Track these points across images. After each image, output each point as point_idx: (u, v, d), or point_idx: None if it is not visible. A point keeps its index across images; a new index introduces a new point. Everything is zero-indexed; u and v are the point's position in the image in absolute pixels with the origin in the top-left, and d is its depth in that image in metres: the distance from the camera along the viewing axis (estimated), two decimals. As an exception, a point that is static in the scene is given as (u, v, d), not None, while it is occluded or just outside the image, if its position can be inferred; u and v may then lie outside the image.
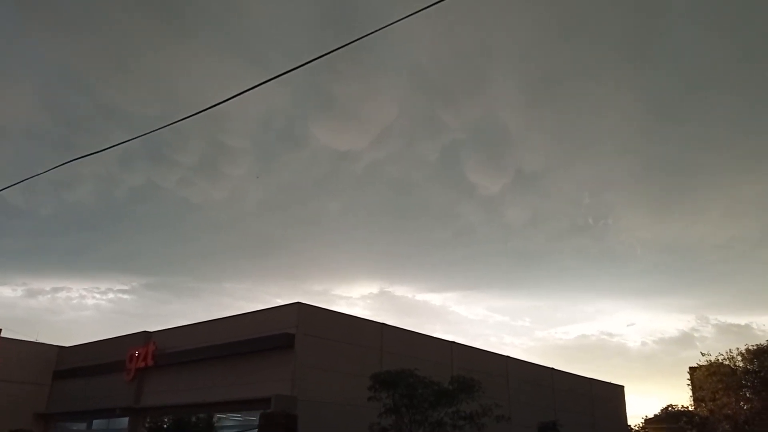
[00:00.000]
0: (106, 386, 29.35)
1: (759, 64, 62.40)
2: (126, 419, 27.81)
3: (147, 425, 16.58)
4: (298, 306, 23.96)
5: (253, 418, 25.53)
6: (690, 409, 43.17)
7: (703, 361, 41.31)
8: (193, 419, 16.52)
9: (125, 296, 77.95)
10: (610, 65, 63.79)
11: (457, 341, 31.17)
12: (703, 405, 40.62)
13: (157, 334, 28.67)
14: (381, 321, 27.39)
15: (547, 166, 71.20)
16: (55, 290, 77.78)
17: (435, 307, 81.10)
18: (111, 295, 76.93)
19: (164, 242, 79.41)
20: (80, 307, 78.09)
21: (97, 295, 77.21)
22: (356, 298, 77.89)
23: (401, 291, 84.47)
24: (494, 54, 63.35)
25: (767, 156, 64.42)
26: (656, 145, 68.22)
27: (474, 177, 72.03)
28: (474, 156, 69.02)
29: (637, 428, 49.84)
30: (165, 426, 15.78)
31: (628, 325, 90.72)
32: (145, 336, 28.80)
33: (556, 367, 37.94)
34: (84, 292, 77.87)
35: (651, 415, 48.48)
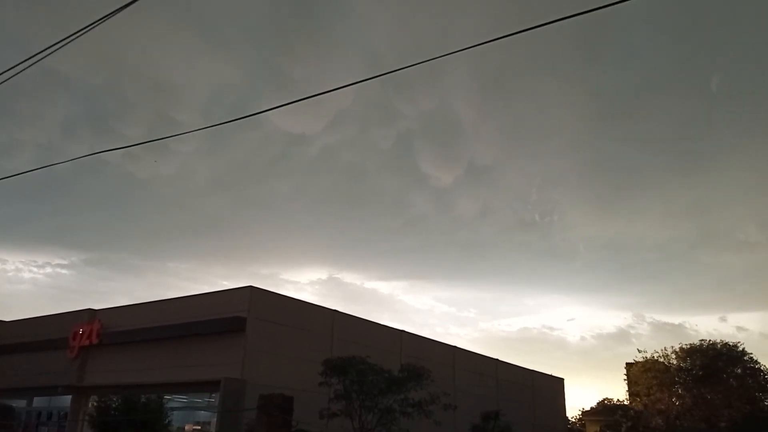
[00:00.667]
0: (47, 363, 28.61)
1: (703, 69, 64.82)
2: (69, 397, 27.19)
3: (95, 404, 16.28)
4: (251, 290, 23.87)
5: (199, 400, 25.45)
6: (625, 403, 45.00)
7: (639, 358, 43.16)
8: (143, 399, 16.32)
9: (64, 271, 75.46)
10: (563, 62, 65.13)
11: (406, 330, 31.66)
12: (638, 399, 42.43)
13: (102, 312, 28.09)
14: (332, 308, 27.60)
15: (498, 160, 72.34)
16: (-11, 262, 74.78)
17: (383, 295, 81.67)
18: (49, 270, 74.37)
19: (107, 217, 77.11)
20: (16, 281, 75.30)
21: (35, 269, 74.55)
22: (304, 283, 77.62)
23: (350, 278, 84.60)
24: (451, 45, 63.88)
25: (704, 160, 66.98)
26: (602, 143, 70.11)
27: (426, 167, 72.65)
28: (427, 146, 69.57)
29: (574, 420, 51.72)
30: (114, 405, 15.53)
31: (568, 320, 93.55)
32: (89, 313, 28.17)
33: (500, 359, 38.96)
34: (20, 265, 75.08)
35: (588, 408, 50.44)
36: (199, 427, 24.47)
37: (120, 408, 15.49)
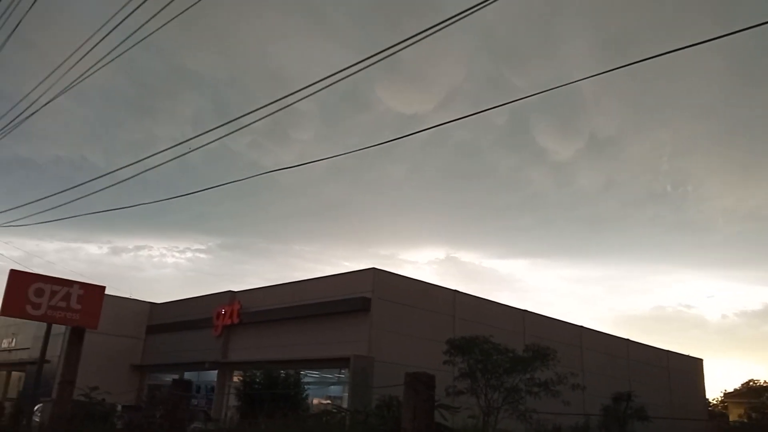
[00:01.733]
0: (195, 341, 31.41)
1: None
2: (215, 372, 29.76)
3: (240, 378, 17.79)
4: (374, 271, 24.75)
5: (330, 376, 26.87)
6: (774, 385, 41.68)
7: (790, 337, 39.63)
8: (282, 374, 17.62)
9: (202, 255, 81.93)
10: (689, 23, 60.17)
11: (529, 310, 31.26)
12: (789, 382, 39.13)
13: (241, 293, 30.29)
14: (453, 288, 27.86)
15: (622, 130, 68.49)
16: (138, 248, 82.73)
17: (502, 274, 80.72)
18: (189, 254, 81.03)
19: (237, 205, 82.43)
20: (161, 265, 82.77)
21: (177, 254, 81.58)
22: (423, 262, 78.58)
23: (468, 257, 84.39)
24: (565, 12, 61.10)
25: None
26: (739, 107, 64.30)
27: (544, 141, 70.29)
28: (544, 120, 67.26)
29: (716, 402, 48.65)
30: (257, 380, 16.93)
31: (707, 297, 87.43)
32: (230, 295, 30.49)
33: (631, 339, 37.41)
34: (164, 251, 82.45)
35: (731, 390, 47.20)
36: (331, 402, 25.87)
37: (263, 382, 16.83)
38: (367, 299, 23.82)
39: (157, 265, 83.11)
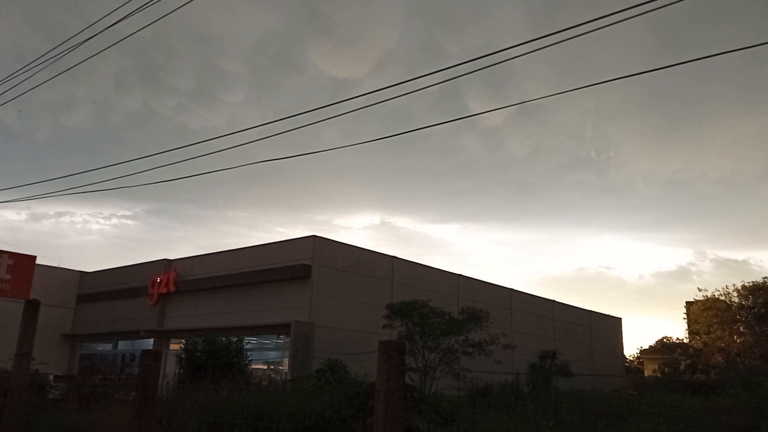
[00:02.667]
0: (129, 310, 30.91)
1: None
2: (150, 340, 29.46)
3: (182, 346, 17.82)
4: (314, 239, 25.02)
5: (268, 342, 27.15)
6: (685, 341, 45.01)
7: (699, 297, 42.82)
8: (224, 341, 17.78)
9: (129, 222, 79.49)
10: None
11: (463, 274, 32.44)
12: (698, 338, 42.35)
13: (177, 261, 29.92)
14: (391, 254, 28.55)
15: (549, 98, 70.62)
16: (59, 215, 79.45)
17: (435, 239, 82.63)
18: (115, 221, 78.42)
19: (164, 169, 79.89)
20: (84, 232, 79.81)
21: (101, 221, 78.77)
22: (357, 228, 79.37)
23: (402, 222, 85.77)
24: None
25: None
26: (661, 75, 67.25)
27: (476, 108, 71.78)
28: (476, 86, 68.59)
29: (632, 358, 52.15)
30: (199, 347, 17.01)
31: (626, 259, 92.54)
32: (166, 263, 30.07)
33: (556, 300, 39.47)
34: (88, 217, 79.48)
35: (646, 347, 50.67)
36: (273, 367, 26.23)
37: (205, 350, 16.95)
38: (307, 266, 24.13)
39: (81, 232, 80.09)
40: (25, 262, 11.53)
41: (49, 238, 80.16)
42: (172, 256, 30.43)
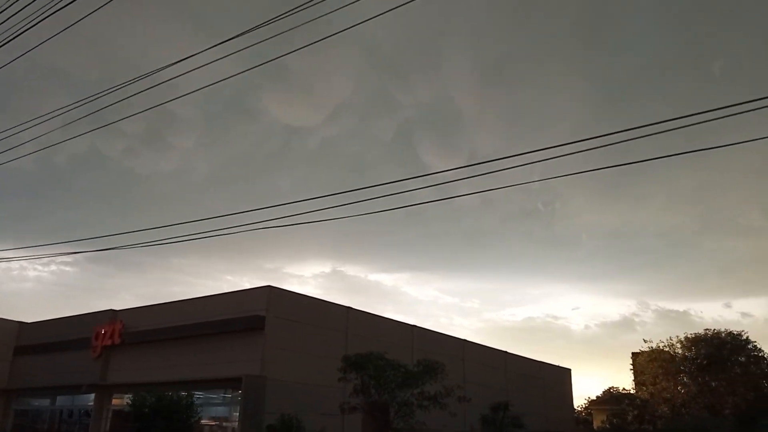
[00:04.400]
0: (70, 363, 29.53)
1: (705, 53, 65.05)
2: (92, 395, 28.10)
3: (129, 401, 17.11)
4: (269, 289, 24.70)
5: (214, 396, 26.28)
6: (632, 391, 45.83)
7: (644, 348, 43.96)
8: (174, 396, 17.15)
9: (68, 268, 76.45)
10: (562, 48, 65.34)
11: (418, 325, 32.48)
12: (644, 388, 43.24)
13: (123, 312, 28.94)
14: (346, 305, 28.41)
15: (499, 149, 72.63)
16: (-5, 260, 75.44)
17: (386, 287, 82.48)
18: (53, 267, 75.25)
19: (108, 213, 77.81)
20: (20, 279, 76.27)
21: (39, 267, 75.50)
22: (308, 276, 78.48)
23: (353, 270, 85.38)
24: (448, 33, 63.98)
25: (707, 145, 67.16)
26: (604, 128, 70.20)
27: (427, 157, 73.10)
28: (427, 136, 69.88)
29: (581, 409, 52.59)
30: (147, 403, 16.35)
31: (572, 309, 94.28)
32: (111, 314, 29.03)
33: (509, 351, 39.78)
34: (25, 263, 76.19)
35: (594, 397, 51.28)
36: (220, 423, 25.35)
37: (153, 405, 16.31)
38: (261, 317, 23.71)
39: (17, 279, 76.37)
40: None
41: (-20, 285, 76.21)
42: (114, 306, 29.52)
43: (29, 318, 33.74)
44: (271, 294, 24.49)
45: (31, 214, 76.69)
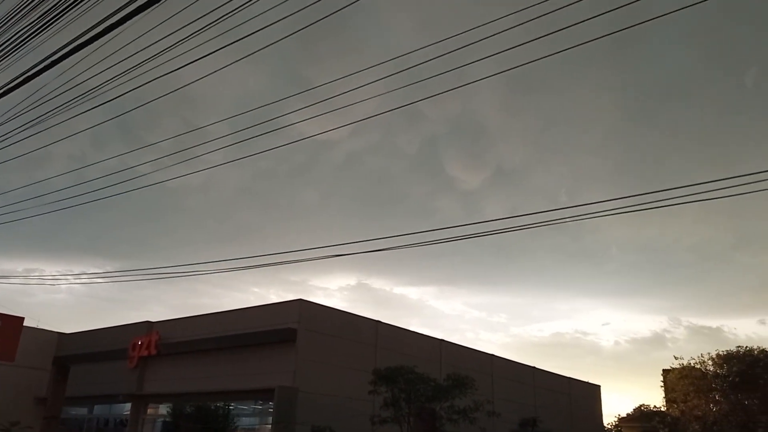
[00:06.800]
0: (107, 373, 30.42)
1: (738, 63, 64.32)
2: (128, 405, 28.92)
3: (169, 410, 17.74)
4: (300, 302, 25.29)
5: (245, 407, 26.86)
6: (662, 409, 45.24)
7: (675, 365, 43.42)
8: (212, 407, 17.74)
9: (99, 280, 78.14)
10: (592, 59, 65.14)
11: (445, 339, 32.71)
12: (675, 406, 42.67)
13: (159, 324, 29.77)
14: (374, 318, 28.83)
15: (526, 161, 72.49)
16: (28, 272, 77.94)
17: (412, 301, 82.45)
18: (85, 279, 76.95)
19: (139, 227, 79.62)
20: (53, 290, 78.29)
21: (71, 279, 77.36)
22: (333, 289, 78.99)
23: (378, 284, 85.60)
24: (475, 47, 64.37)
25: (741, 156, 66.33)
26: (635, 140, 69.79)
27: (453, 171, 73.13)
28: (453, 150, 69.92)
29: (610, 426, 51.98)
30: (187, 412, 16.97)
31: (602, 325, 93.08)
32: (147, 326, 29.89)
33: (537, 366, 39.71)
34: (58, 276, 78.09)
35: (624, 414, 50.67)
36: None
37: (193, 414, 16.91)
38: (293, 330, 24.26)
39: (49, 290, 78.47)
40: (13, 323, 11.65)
41: (17, 295, 78.42)
42: (145, 316, 30.51)
43: (62, 328, 34.85)
44: (302, 307, 25.06)
45: (63, 229, 78.69)
